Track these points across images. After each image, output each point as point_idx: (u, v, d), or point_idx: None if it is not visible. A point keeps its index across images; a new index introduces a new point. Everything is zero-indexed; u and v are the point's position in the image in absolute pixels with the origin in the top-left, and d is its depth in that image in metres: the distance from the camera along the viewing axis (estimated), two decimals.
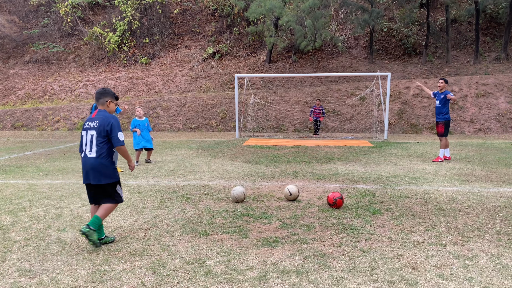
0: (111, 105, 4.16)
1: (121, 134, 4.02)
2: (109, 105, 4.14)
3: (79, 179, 7.52)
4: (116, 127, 3.99)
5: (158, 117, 20.95)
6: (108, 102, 4.13)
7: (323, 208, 5.37)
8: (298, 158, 10.03)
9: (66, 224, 4.71)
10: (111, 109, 4.17)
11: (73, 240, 4.17)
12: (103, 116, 4.00)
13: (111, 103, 4.16)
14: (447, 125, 9.62)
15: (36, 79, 26.82)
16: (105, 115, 4.02)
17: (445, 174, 7.89)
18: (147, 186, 6.89)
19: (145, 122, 9.82)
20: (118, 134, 3.98)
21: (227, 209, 5.34)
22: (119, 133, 4.00)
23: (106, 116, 4.01)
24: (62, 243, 4.09)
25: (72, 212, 5.23)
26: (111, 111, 4.16)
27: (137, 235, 4.33)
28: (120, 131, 4.02)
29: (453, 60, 23.66)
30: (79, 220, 4.87)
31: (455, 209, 5.33)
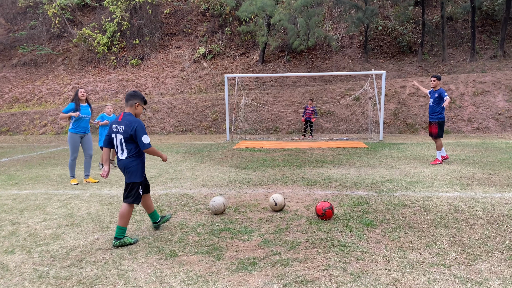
0: (139, 108, 4.29)
1: (146, 137, 4.14)
2: (137, 107, 4.27)
3: (50, 188, 6.95)
4: (140, 131, 4.10)
5: (147, 120, 20.36)
6: (137, 104, 4.26)
7: (311, 220, 4.82)
8: (289, 162, 9.48)
9: (17, 244, 4.14)
10: (139, 111, 4.30)
11: (18, 265, 3.60)
12: (128, 121, 4.11)
13: (139, 106, 4.29)
14: (441, 125, 9.09)
15: (24, 82, 26.16)
16: (129, 119, 4.13)
17: (444, 177, 7.36)
18: (120, 196, 6.31)
19: (113, 118, 9.36)
20: (143, 137, 4.11)
21: (204, 223, 4.77)
22: (144, 136, 4.11)
23: (130, 120, 4.12)
24: (4, 269, 3.52)
25: (29, 229, 4.65)
26: (138, 113, 4.29)
27: (95, 257, 3.77)
28: (144, 134, 4.12)
29: (449, 58, 23.19)
30: (33, 239, 4.29)
31: (458, 219, 4.79)
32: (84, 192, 6.61)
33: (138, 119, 4.17)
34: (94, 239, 4.27)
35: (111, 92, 24.35)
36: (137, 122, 4.11)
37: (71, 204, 5.78)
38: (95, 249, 3.96)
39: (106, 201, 5.99)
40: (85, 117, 7.46)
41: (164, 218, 4.66)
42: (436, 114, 9.07)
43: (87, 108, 7.53)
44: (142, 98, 4.31)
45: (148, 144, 4.14)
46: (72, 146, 7.44)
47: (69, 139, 7.45)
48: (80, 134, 7.52)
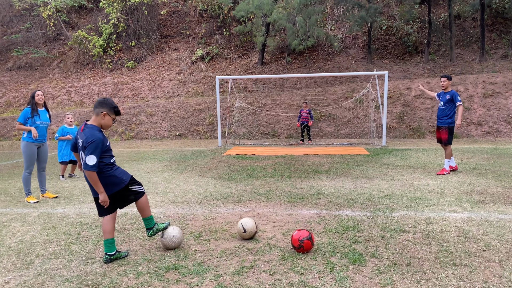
0: (106, 118, 3.74)
1: (92, 157, 3.53)
2: (104, 117, 3.72)
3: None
4: (90, 147, 3.53)
5: (141, 124, 19.54)
6: (103, 114, 3.71)
7: (285, 253, 3.87)
8: (278, 172, 8.53)
9: None
10: (106, 122, 3.75)
11: None
12: (87, 134, 3.60)
13: (107, 116, 3.73)
14: (451, 130, 8.10)
15: (18, 86, 25.50)
16: (88, 133, 3.60)
17: (452, 192, 6.37)
18: (72, 216, 5.42)
19: (75, 130, 8.55)
20: (87, 157, 3.53)
21: (152, 257, 3.85)
22: (90, 157, 3.53)
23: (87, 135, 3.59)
24: None
25: None
26: (105, 125, 3.75)
27: None
28: (93, 154, 3.53)
29: (457, 58, 22.09)
30: None
31: (469, 252, 3.82)
32: (33, 211, 5.72)
33: (99, 136, 3.59)
34: (3, 282, 3.37)
35: (106, 95, 23.56)
36: (94, 137, 3.55)
37: (8, 228, 4.90)
38: None
39: (52, 223, 5.09)
40: (42, 124, 6.56)
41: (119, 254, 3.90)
42: (446, 118, 8.09)
43: (45, 114, 6.63)
44: (113, 107, 3.74)
45: (91, 166, 3.53)
46: (27, 157, 6.50)
47: (24, 148, 6.49)
48: (37, 144, 6.61)
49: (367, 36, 23.60)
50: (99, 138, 3.58)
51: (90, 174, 3.55)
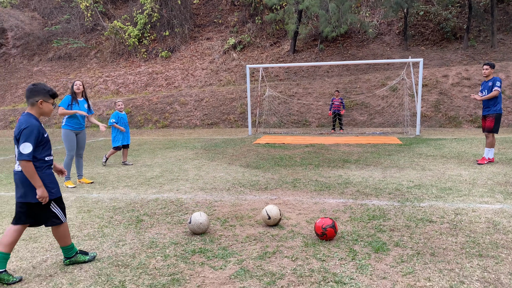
0: (44, 105, 3.27)
1: (26, 145, 3.09)
2: (42, 105, 3.25)
3: None
4: (24, 135, 3.10)
5: (175, 113, 19.93)
6: (40, 102, 3.24)
7: (307, 240, 3.93)
8: (307, 161, 8.54)
9: None
10: (46, 109, 3.29)
11: None
12: (20, 121, 3.18)
13: (44, 103, 3.26)
14: (497, 119, 7.79)
15: (58, 76, 26.50)
16: (21, 120, 3.18)
17: (485, 183, 6.19)
18: (106, 201, 5.67)
19: (126, 116, 8.91)
20: (21, 145, 3.09)
21: (179, 241, 3.99)
22: (24, 144, 3.09)
23: (21, 122, 3.17)
24: None
25: None
26: (45, 112, 3.31)
27: (28, 285, 3.08)
28: (27, 141, 3.10)
29: (499, 44, 21.11)
30: None
31: (497, 243, 3.74)
32: (70, 196, 6.03)
33: (31, 121, 3.15)
34: (42, 260, 3.60)
35: (141, 85, 24.14)
36: (28, 123, 3.12)
37: None
38: (34, 276, 3.28)
39: (87, 207, 5.35)
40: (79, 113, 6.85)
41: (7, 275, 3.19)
42: (493, 106, 7.79)
43: (83, 104, 6.91)
44: (47, 91, 3.27)
45: (26, 155, 3.08)
46: (68, 144, 6.86)
47: (64, 136, 6.85)
48: (76, 131, 6.93)
49: (403, 22, 22.92)
50: (35, 124, 3.16)
51: (25, 164, 3.09)
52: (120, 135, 8.70)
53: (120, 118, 8.70)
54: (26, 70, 27.96)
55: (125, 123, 8.82)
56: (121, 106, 8.80)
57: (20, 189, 3.21)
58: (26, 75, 27.38)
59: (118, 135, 8.70)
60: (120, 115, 8.73)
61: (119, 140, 8.69)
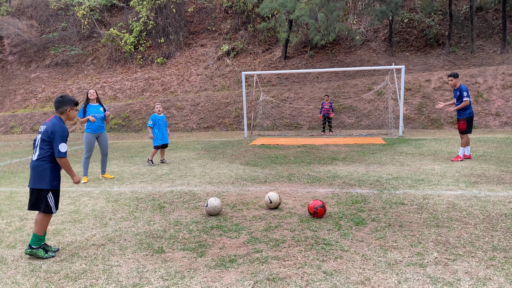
0: (71, 113, 4.13)
1: (63, 145, 3.91)
2: (69, 113, 4.11)
3: (65, 185, 7.30)
4: (58, 137, 3.89)
5: (172, 117, 20.80)
6: (68, 110, 4.09)
7: (302, 218, 4.89)
8: (299, 159, 9.52)
9: (20, 240, 4.42)
10: (71, 116, 4.15)
11: (16, 259, 3.86)
12: (51, 123, 3.97)
13: (71, 111, 4.12)
14: (469, 121, 8.83)
15: (56, 82, 27.23)
16: (53, 121, 3.97)
17: (453, 175, 7.22)
18: (128, 193, 6.58)
19: (164, 117, 9.81)
20: (59, 145, 3.89)
21: (198, 220, 4.93)
22: (61, 144, 3.90)
23: (53, 123, 3.96)
24: (2, 262, 3.79)
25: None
26: (70, 118, 4.17)
27: (87, 252, 3.99)
28: (62, 142, 3.91)
29: (479, 50, 22.39)
30: None
31: (452, 218, 4.74)
32: (95, 190, 6.92)
33: (63, 126, 3.95)
34: (91, 235, 4.51)
35: (138, 90, 24.99)
36: (59, 126, 3.90)
37: (80, 201, 6.08)
38: (89, 245, 4.19)
39: (113, 198, 6.26)
40: (96, 116, 7.77)
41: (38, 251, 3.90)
42: (464, 110, 8.83)
43: (97, 108, 7.85)
44: (72, 101, 4.09)
45: (64, 153, 3.87)
46: (87, 145, 7.81)
47: (85, 138, 7.83)
48: (95, 134, 7.85)
49: (388, 29, 24.11)
50: (66, 128, 3.94)
51: (63, 160, 3.88)
52: (160, 135, 9.54)
53: (157, 119, 9.56)
54: (23, 77, 28.63)
55: (163, 124, 9.63)
56: (159, 108, 9.68)
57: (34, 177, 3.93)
58: (24, 82, 28.06)
59: (158, 135, 9.55)
60: (157, 117, 9.60)
61: (158, 139, 9.55)
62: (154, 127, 9.56)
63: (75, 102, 4.16)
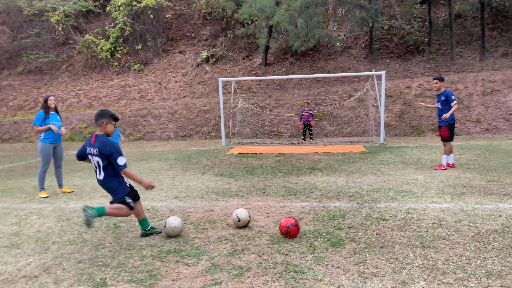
0: (108, 126, 4.25)
1: (121, 158, 4.14)
2: (107, 126, 4.24)
3: (16, 201, 6.61)
4: (115, 152, 4.11)
5: (148, 126, 20.10)
6: (105, 123, 4.22)
7: (273, 238, 4.34)
8: (277, 169, 8.99)
9: None
10: (109, 129, 4.26)
11: None
12: (101, 143, 4.13)
13: (108, 124, 4.25)
14: (451, 128, 8.43)
15: (28, 90, 26.23)
16: (102, 140, 4.14)
17: (437, 185, 6.79)
18: None
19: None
20: (118, 159, 4.11)
21: (155, 243, 4.33)
22: (119, 158, 4.12)
23: (104, 142, 4.14)
24: None
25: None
26: (109, 132, 4.26)
27: (15, 285, 3.35)
28: (119, 155, 4.13)
29: (458, 57, 22.38)
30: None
31: (439, 236, 4.26)
32: (48, 206, 6.25)
33: (111, 141, 4.17)
34: (26, 263, 3.87)
35: (114, 98, 24.20)
36: (111, 144, 4.12)
37: (26, 221, 5.41)
38: (19, 277, 3.55)
39: (66, 216, 5.61)
40: (56, 125, 7.11)
41: (154, 230, 4.67)
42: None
43: (55, 116, 7.18)
44: (111, 115, 4.25)
45: (124, 165, 4.15)
46: (44, 156, 7.12)
47: (41, 149, 7.11)
48: (53, 144, 7.18)
49: (368, 36, 23.96)
50: (114, 142, 4.19)
51: (126, 171, 4.17)
52: None
53: None
54: None
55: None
56: None
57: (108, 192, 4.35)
58: None
59: None
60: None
61: None
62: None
63: (114, 116, 4.30)
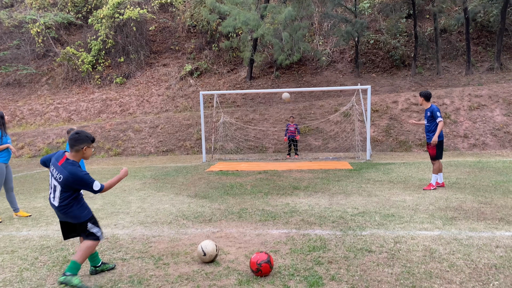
0: (87, 151, 3.79)
1: (96, 184, 3.65)
2: (86, 151, 3.77)
3: None
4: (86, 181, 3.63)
5: (128, 140, 19.41)
6: (84, 149, 3.74)
7: (242, 277, 3.76)
8: (257, 188, 8.42)
9: None
10: (88, 154, 3.81)
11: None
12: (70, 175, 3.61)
13: (88, 149, 3.78)
14: (439, 145, 7.98)
15: (6, 103, 25.34)
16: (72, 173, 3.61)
17: (427, 208, 6.29)
18: (36, 238, 5.27)
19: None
20: (93, 186, 3.65)
21: (104, 284, 3.72)
22: (94, 184, 3.65)
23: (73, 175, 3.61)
24: None
25: None
26: (87, 156, 3.82)
27: None
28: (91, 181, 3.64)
29: (444, 71, 22.26)
30: None
31: (431, 273, 3.72)
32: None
33: (81, 171, 3.64)
34: None
35: (94, 112, 23.48)
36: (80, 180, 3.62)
37: None
38: None
39: (13, 246, 4.95)
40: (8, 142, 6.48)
41: (105, 266, 4.09)
42: (432, 133, 8.00)
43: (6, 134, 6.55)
44: (89, 138, 3.76)
45: (101, 187, 3.72)
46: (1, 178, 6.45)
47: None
48: (6, 164, 6.52)
49: (354, 50, 23.76)
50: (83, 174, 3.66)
51: (106, 189, 3.76)
52: None
53: None
54: None
55: None
56: None
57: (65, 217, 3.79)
58: None
59: None
60: None
61: None
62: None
63: (92, 138, 3.81)
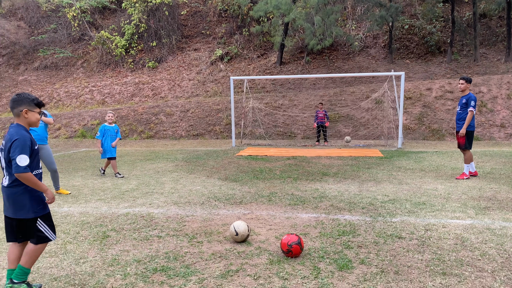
0: (30, 115, 3.20)
1: (22, 157, 3.04)
2: (27, 114, 3.19)
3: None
4: (17, 148, 3.04)
5: (160, 124, 19.81)
6: (25, 112, 3.17)
7: (273, 257, 3.87)
8: (286, 174, 8.51)
9: None
10: (32, 119, 3.22)
11: None
12: (9, 135, 3.11)
13: (30, 112, 3.20)
14: (469, 136, 7.78)
15: (44, 86, 26.27)
16: (12, 132, 3.11)
17: (459, 197, 6.21)
18: (76, 215, 5.55)
19: (115, 128, 8.75)
20: (17, 158, 3.02)
21: (142, 258, 3.91)
22: (20, 156, 3.03)
23: (12, 134, 3.10)
24: None
25: None
26: (32, 122, 3.24)
27: None
28: (22, 153, 3.04)
29: (482, 58, 21.46)
30: None
31: (462, 261, 3.72)
32: None
33: (22, 133, 3.11)
34: None
35: (127, 95, 24.02)
36: (19, 135, 3.07)
37: None
38: None
39: (55, 222, 5.24)
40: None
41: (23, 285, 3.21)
42: (463, 121, 7.76)
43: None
44: (31, 100, 3.20)
45: (23, 168, 3.02)
46: None
47: None
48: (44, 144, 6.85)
49: (388, 35, 23.21)
50: (27, 136, 3.13)
51: (24, 176, 3.05)
52: (107, 148, 8.58)
53: (106, 130, 8.59)
54: (11, 79, 27.66)
55: (112, 135, 8.67)
56: (111, 118, 8.67)
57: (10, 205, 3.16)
58: (11, 84, 27.07)
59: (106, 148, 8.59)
60: (107, 127, 8.63)
61: (106, 152, 8.58)
62: (103, 138, 8.57)
63: (36, 101, 3.24)
